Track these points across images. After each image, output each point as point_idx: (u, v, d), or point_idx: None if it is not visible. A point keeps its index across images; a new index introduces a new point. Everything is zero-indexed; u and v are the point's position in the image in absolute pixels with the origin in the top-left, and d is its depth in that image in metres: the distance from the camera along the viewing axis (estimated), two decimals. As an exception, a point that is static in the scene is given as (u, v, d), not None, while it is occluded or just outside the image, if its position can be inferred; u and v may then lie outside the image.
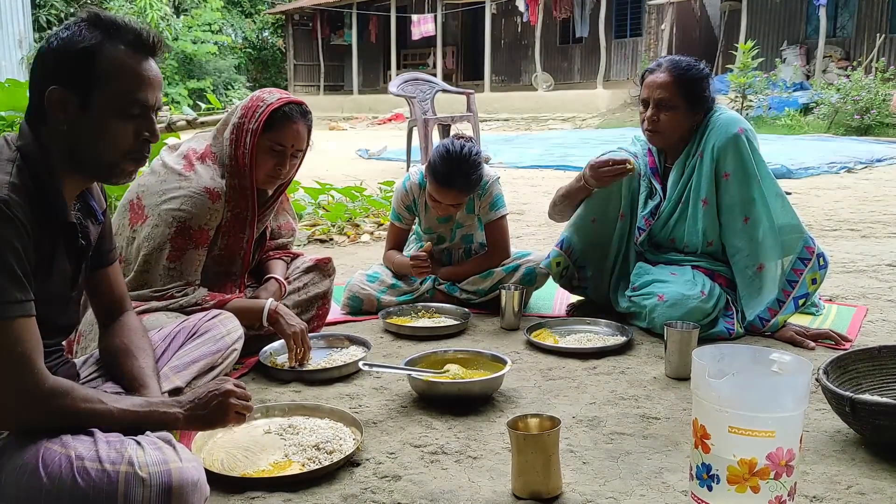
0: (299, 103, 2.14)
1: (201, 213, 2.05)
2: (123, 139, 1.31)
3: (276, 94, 2.14)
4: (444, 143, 2.71)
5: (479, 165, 2.70)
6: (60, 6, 17.96)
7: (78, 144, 1.30)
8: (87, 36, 1.27)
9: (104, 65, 1.27)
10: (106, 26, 1.28)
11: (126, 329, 1.55)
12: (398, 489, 1.50)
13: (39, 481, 1.16)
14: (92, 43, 1.26)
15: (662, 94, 2.45)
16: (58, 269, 1.33)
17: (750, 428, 1.25)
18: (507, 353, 2.28)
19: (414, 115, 7.55)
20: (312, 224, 4.71)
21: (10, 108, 5.41)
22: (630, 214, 2.65)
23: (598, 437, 1.75)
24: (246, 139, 2.09)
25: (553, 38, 19.34)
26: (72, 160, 1.31)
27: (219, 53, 20.04)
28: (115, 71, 1.28)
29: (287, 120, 2.09)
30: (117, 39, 1.28)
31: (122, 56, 1.28)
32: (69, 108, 1.27)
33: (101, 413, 1.26)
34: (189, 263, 2.06)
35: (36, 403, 1.21)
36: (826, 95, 12.27)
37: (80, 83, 1.27)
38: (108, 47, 1.27)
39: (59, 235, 1.31)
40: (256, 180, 2.14)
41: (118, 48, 1.28)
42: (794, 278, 2.41)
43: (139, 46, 1.31)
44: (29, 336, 1.21)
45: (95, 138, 1.29)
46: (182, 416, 1.35)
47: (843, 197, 5.83)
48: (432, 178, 2.68)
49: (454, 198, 2.70)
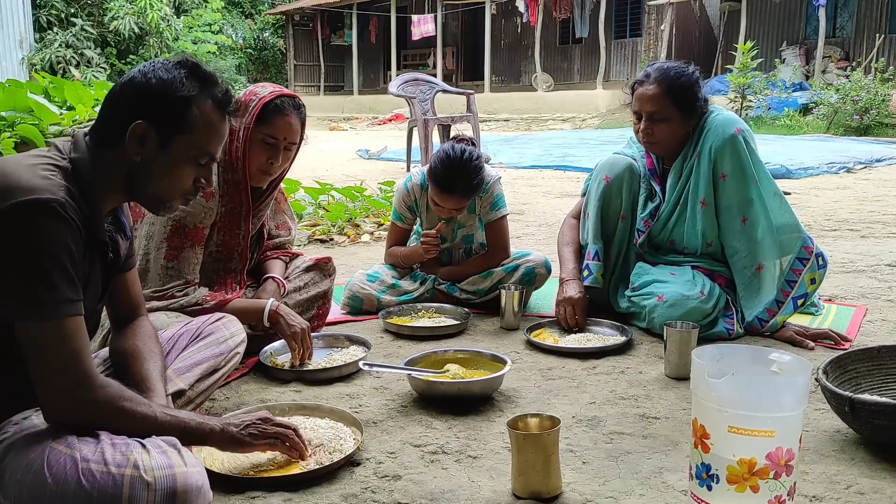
0: (292, 96, 2.14)
1: (196, 212, 2.05)
2: (185, 182, 1.39)
3: (268, 88, 2.14)
4: (444, 149, 2.70)
5: (480, 170, 2.69)
6: (61, 6, 17.93)
7: (143, 176, 1.36)
8: (186, 86, 1.35)
9: (194, 116, 1.36)
10: (202, 79, 1.38)
11: (138, 333, 1.56)
12: (398, 489, 1.50)
13: (44, 482, 1.16)
14: (190, 94, 1.36)
15: (653, 107, 2.42)
16: (92, 284, 1.35)
17: (749, 428, 1.25)
18: (507, 353, 2.29)
19: (414, 116, 7.56)
20: (313, 224, 4.71)
21: (10, 108, 5.40)
22: (630, 216, 2.66)
23: (598, 436, 1.75)
24: (239, 133, 2.09)
25: (553, 38, 19.34)
26: (127, 186, 1.37)
27: (219, 54, 20.02)
28: (201, 124, 1.37)
29: (279, 113, 2.09)
30: (208, 94, 1.38)
31: (209, 111, 1.38)
32: (148, 144, 1.34)
33: (146, 416, 1.28)
34: (187, 262, 2.07)
35: (87, 401, 1.23)
36: (825, 96, 12.27)
37: (168, 126, 1.34)
38: (201, 101, 1.37)
39: (95, 251, 1.34)
40: (249, 174, 2.14)
41: (207, 103, 1.38)
42: (792, 278, 2.41)
43: (222, 104, 1.41)
44: (81, 334, 1.23)
45: (162, 176, 1.37)
46: (218, 428, 1.38)
47: (842, 197, 5.83)
48: (434, 183, 2.68)
49: (456, 202, 2.70)
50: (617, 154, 2.70)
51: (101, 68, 17.42)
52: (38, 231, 1.18)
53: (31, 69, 15.83)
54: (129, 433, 1.26)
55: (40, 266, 1.18)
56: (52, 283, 1.19)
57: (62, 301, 1.20)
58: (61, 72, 16.35)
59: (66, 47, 17.16)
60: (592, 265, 2.61)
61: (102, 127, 1.36)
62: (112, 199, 1.38)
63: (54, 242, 1.20)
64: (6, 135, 5.02)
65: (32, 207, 1.18)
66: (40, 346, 1.20)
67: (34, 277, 1.18)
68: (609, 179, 2.61)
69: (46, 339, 1.20)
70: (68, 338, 1.21)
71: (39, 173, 1.23)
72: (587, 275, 2.61)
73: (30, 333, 1.20)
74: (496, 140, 11.83)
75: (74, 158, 1.31)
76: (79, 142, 1.34)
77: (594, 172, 2.69)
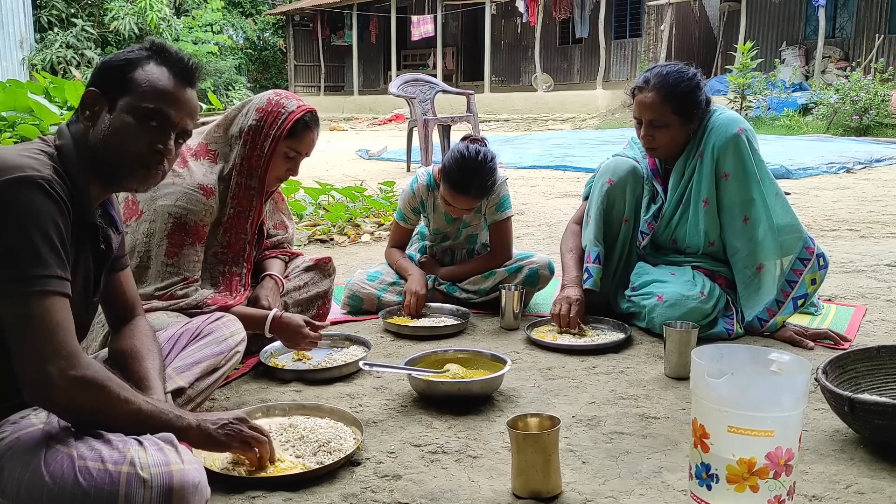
0: (313, 111, 2.20)
1: (196, 209, 2.07)
2: (134, 143, 1.37)
3: (293, 101, 2.16)
4: (458, 149, 2.68)
5: (494, 171, 2.68)
6: (61, 6, 17.94)
7: (98, 146, 1.36)
8: (135, 52, 1.39)
9: (139, 76, 1.37)
10: (157, 51, 1.40)
11: (136, 333, 1.56)
12: (398, 488, 1.50)
13: (41, 480, 1.16)
14: (135, 57, 1.38)
15: (653, 115, 2.42)
16: (81, 270, 1.35)
17: (749, 427, 1.25)
18: (507, 352, 2.29)
19: (414, 116, 7.56)
20: (313, 224, 4.71)
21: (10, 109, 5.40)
22: (634, 219, 2.66)
23: (598, 436, 1.75)
24: (265, 143, 2.12)
25: (553, 38, 19.34)
26: (92, 162, 1.36)
27: (219, 54, 20.01)
28: (145, 83, 1.37)
29: (307, 129, 2.15)
30: (162, 63, 1.39)
31: (155, 73, 1.38)
32: (96, 109, 1.35)
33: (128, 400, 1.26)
34: (187, 259, 2.07)
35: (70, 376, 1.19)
36: (825, 96, 12.28)
37: (113, 88, 1.36)
38: (149, 64, 1.38)
39: (85, 236, 1.34)
40: (267, 182, 2.17)
41: (155, 66, 1.38)
42: (793, 279, 2.41)
43: (180, 74, 1.41)
44: (67, 312, 1.22)
45: (112, 138, 1.36)
46: (195, 424, 1.36)
47: (841, 197, 5.84)
48: (448, 183, 2.66)
49: (469, 202, 2.69)
50: (619, 156, 2.70)
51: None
52: (27, 206, 1.19)
53: (31, 69, 15.83)
54: (110, 417, 1.24)
55: (28, 240, 1.18)
56: (41, 257, 1.19)
57: (49, 276, 1.19)
58: (62, 72, 16.35)
59: (66, 48, 17.16)
60: (592, 268, 2.60)
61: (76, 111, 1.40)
62: (95, 186, 1.38)
63: (42, 217, 1.20)
64: (6, 135, 5.03)
65: (19, 184, 1.19)
66: (26, 318, 1.17)
67: (22, 250, 1.18)
68: (612, 182, 2.61)
69: (32, 312, 1.17)
70: (54, 311, 1.19)
71: (25, 155, 1.25)
72: (587, 277, 2.60)
73: (15, 307, 1.18)
74: (496, 140, 11.82)
75: (59, 145, 1.34)
76: (62, 131, 1.38)
77: (597, 175, 2.69)
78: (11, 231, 1.18)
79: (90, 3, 18.44)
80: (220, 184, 2.14)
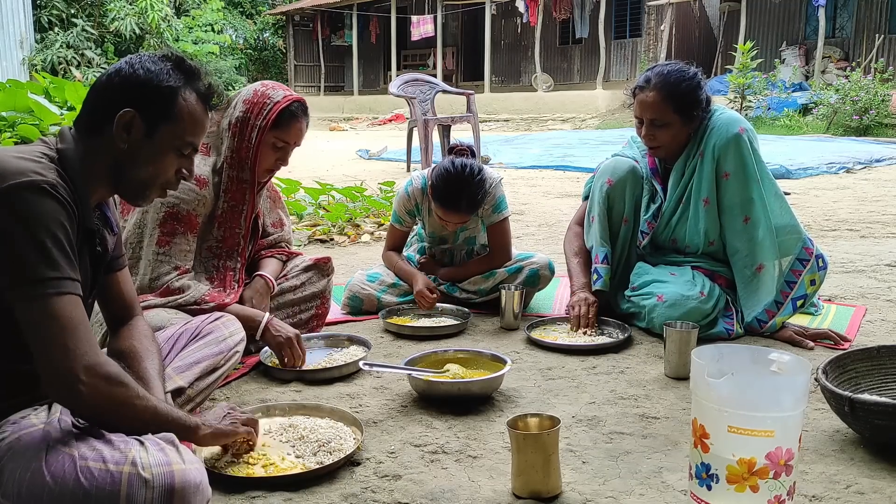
0: (301, 101, 2.21)
1: (189, 199, 2.09)
2: (167, 171, 1.42)
3: (279, 91, 2.18)
4: (444, 165, 2.65)
5: (483, 183, 2.66)
6: (61, 6, 17.93)
7: (127, 164, 1.38)
8: (173, 77, 1.40)
9: (179, 106, 1.40)
10: (187, 72, 1.43)
11: (135, 333, 1.56)
12: (398, 488, 1.50)
13: (43, 480, 1.16)
14: (177, 85, 1.40)
15: (654, 114, 2.42)
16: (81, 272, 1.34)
17: (749, 427, 1.25)
18: (507, 352, 2.29)
19: (414, 116, 7.56)
20: (313, 224, 4.71)
21: (10, 109, 5.40)
22: (633, 219, 2.65)
23: (598, 436, 1.75)
24: (252, 134, 2.14)
25: (553, 38, 19.34)
26: (111, 175, 1.39)
27: (219, 54, 20.02)
28: (186, 114, 1.40)
29: (294, 118, 2.16)
30: (193, 86, 1.43)
31: (193, 102, 1.42)
32: (134, 132, 1.36)
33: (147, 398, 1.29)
34: (178, 248, 2.08)
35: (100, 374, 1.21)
36: (825, 96, 12.28)
37: (154, 114, 1.37)
38: (186, 92, 1.41)
39: (84, 240, 1.34)
40: (257, 173, 2.18)
41: (192, 95, 1.42)
42: (792, 279, 2.41)
43: (206, 98, 1.45)
44: (84, 313, 1.24)
45: (147, 163, 1.39)
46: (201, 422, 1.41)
47: (841, 197, 5.84)
48: (437, 201, 2.65)
49: (461, 217, 2.69)
50: (618, 156, 2.69)
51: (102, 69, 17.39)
52: (35, 210, 1.19)
53: (31, 69, 15.83)
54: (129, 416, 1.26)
55: (40, 243, 1.19)
56: (52, 259, 1.20)
57: (64, 277, 1.21)
58: (62, 72, 16.36)
59: (66, 48, 17.17)
60: (601, 269, 2.59)
61: (88, 117, 1.38)
62: (97, 189, 1.39)
63: (50, 220, 1.20)
64: (6, 135, 5.03)
65: (26, 188, 1.19)
66: (49, 318, 1.18)
67: (34, 254, 1.18)
68: (612, 182, 2.61)
69: (54, 312, 1.19)
70: (74, 310, 1.21)
71: (28, 159, 1.25)
72: (596, 278, 2.59)
73: (36, 308, 1.19)
74: (496, 140, 11.84)
75: (61, 149, 1.33)
76: (65, 134, 1.37)
77: (596, 175, 2.68)
78: (22, 235, 1.18)
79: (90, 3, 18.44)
80: (213, 176, 2.16)
